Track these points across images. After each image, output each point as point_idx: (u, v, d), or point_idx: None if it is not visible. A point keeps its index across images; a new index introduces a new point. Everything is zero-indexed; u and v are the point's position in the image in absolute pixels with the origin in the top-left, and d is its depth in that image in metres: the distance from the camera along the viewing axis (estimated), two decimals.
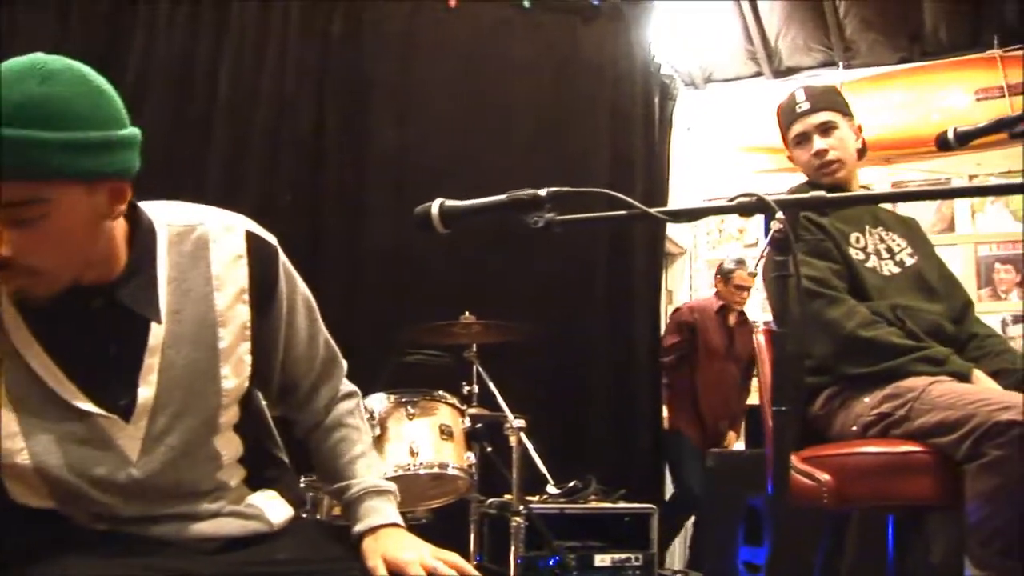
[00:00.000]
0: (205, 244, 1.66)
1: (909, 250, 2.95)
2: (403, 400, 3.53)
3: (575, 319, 5.67)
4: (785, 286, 1.67)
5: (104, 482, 1.58)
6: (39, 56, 1.41)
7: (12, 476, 1.55)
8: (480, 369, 3.99)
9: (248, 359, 1.70)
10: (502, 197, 1.77)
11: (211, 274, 1.65)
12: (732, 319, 5.93)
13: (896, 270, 2.88)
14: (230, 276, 1.67)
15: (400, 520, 1.78)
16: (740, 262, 5.89)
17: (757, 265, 3.67)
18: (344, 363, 1.95)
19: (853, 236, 2.88)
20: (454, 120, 5.59)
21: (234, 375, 1.68)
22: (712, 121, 7.21)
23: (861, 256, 2.84)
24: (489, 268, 5.33)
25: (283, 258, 1.77)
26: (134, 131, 1.50)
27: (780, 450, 1.75)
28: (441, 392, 3.65)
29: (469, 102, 5.65)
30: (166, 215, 1.65)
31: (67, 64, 1.43)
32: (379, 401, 3.54)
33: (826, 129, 2.97)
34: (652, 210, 1.76)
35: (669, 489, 6.00)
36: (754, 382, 5.81)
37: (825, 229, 2.83)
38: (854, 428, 2.66)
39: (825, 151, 2.94)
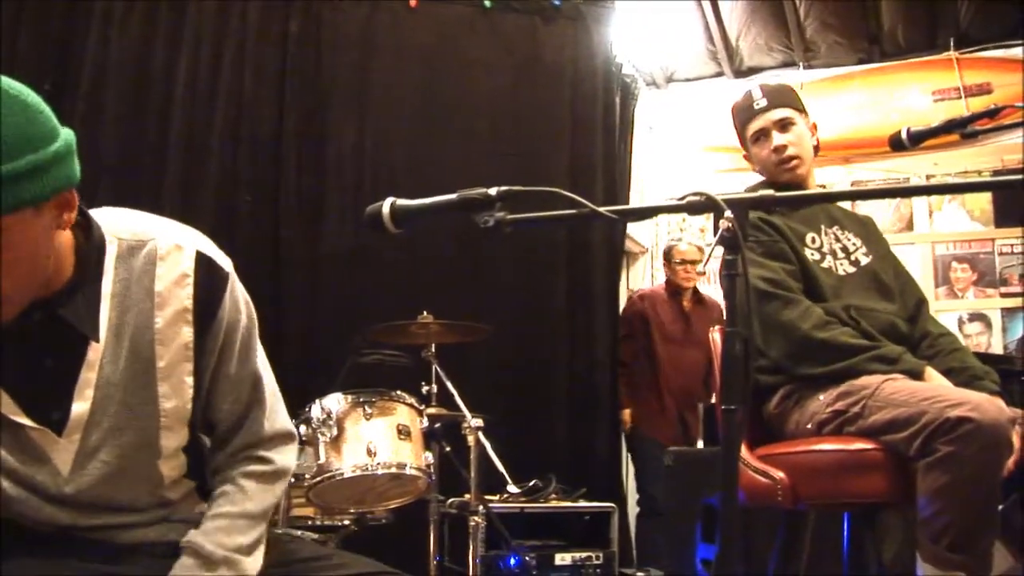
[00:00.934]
0: (153, 261, 1.62)
1: (864, 249, 2.96)
2: (360, 400, 3.51)
3: (535, 318, 5.68)
4: (734, 285, 1.67)
5: (44, 492, 1.59)
6: None
7: None
8: (438, 369, 3.98)
9: (190, 380, 1.66)
10: (452, 197, 1.77)
11: (154, 291, 1.62)
12: (687, 302, 5.87)
13: (851, 269, 2.90)
14: (173, 295, 1.63)
15: None
16: (679, 239, 5.86)
17: (706, 264, 3.69)
18: (278, 426, 1.83)
19: (808, 236, 2.89)
20: (413, 121, 5.60)
21: (174, 395, 1.65)
22: (674, 121, 7.23)
23: (816, 256, 2.86)
24: (448, 268, 5.34)
25: (233, 285, 1.72)
26: (68, 138, 1.46)
27: (728, 449, 1.75)
28: (399, 392, 3.63)
29: (429, 103, 5.65)
30: (119, 227, 1.63)
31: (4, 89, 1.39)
32: (336, 401, 3.51)
33: (784, 125, 2.98)
34: (602, 209, 1.77)
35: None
36: None
37: (780, 230, 2.84)
38: (809, 426, 2.67)
39: (784, 146, 2.95)
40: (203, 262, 1.67)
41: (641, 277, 7.17)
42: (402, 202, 1.80)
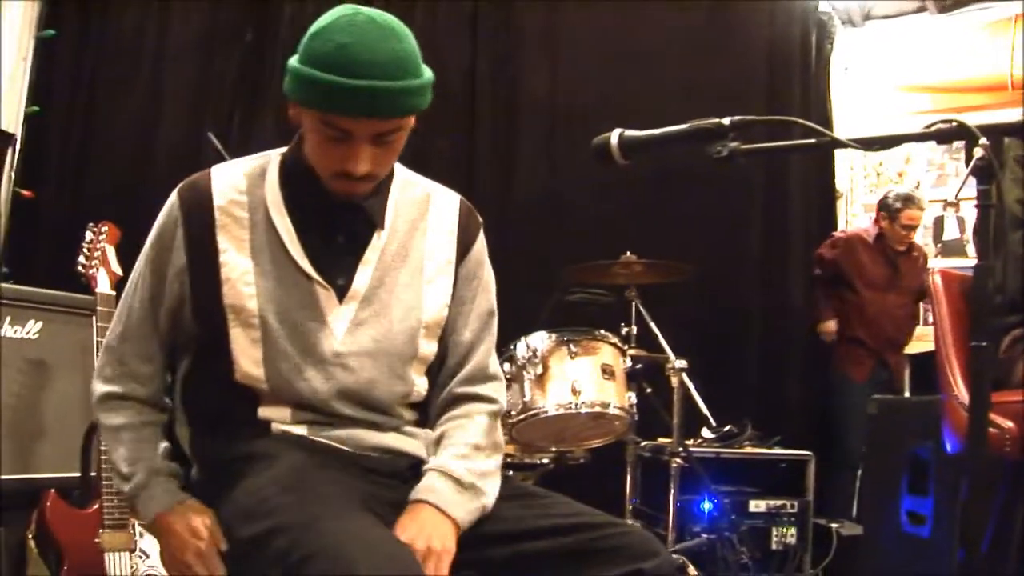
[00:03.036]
0: (427, 196, 1.96)
1: None
2: (565, 339, 3.50)
3: (728, 261, 5.62)
4: (988, 216, 1.59)
5: (311, 348, 1.78)
6: (361, 9, 1.69)
7: (238, 323, 1.76)
8: (641, 309, 3.94)
9: (449, 291, 1.93)
10: (684, 127, 1.75)
11: (428, 213, 1.94)
12: (892, 250, 5.63)
13: None
14: (442, 220, 1.95)
15: (450, 509, 1.75)
16: (908, 199, 5.54)
17: (957, 195, 3.50)
18: (497, 366, 2.04)
19: None
20: (605, 62, 5.56)
21: (434, 299, 1.90)
22: (871, 60, 6.93)
23: None
24: (642, 210, 5.34)
25: (483, 235, 2.03)
26: None
27: (978, 388, 1.67)
28: (603, 331, 3.61)
29: (620, 43, 5.58)
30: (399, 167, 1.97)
31: (393, 19, 1.71)
32: (541, 340, 3.52)
33: None
34: (844, 138, 1.71)
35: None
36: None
37: None
38: None
39: None
40: (464, 206, 2.01)
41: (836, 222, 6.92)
42: (631, 133, 1.79)
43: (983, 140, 1.55)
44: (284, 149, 1.90)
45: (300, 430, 1.78)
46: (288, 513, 1.56)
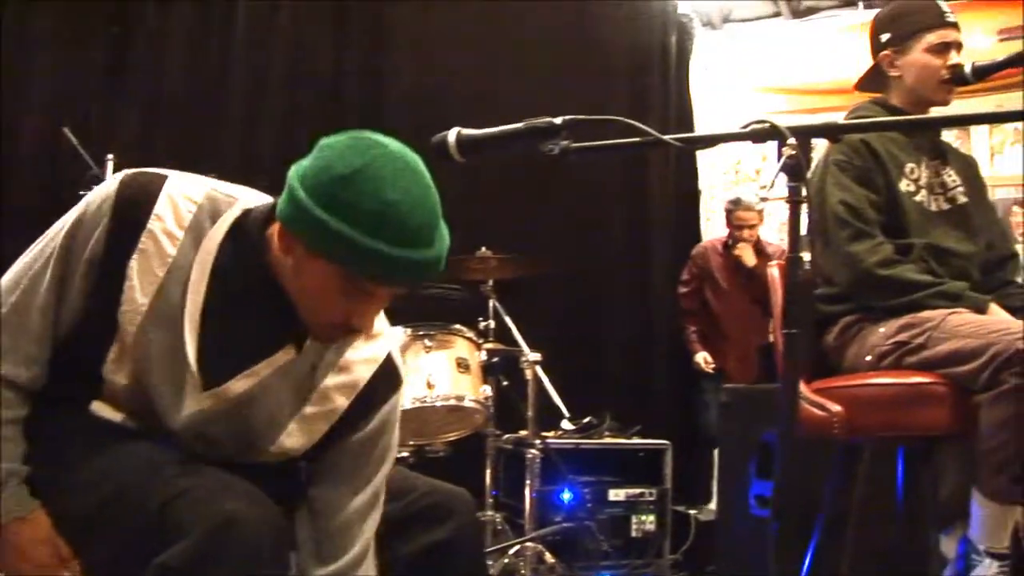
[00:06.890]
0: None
1: (963, 188, 2.89)
2: (420, 333, 3.55)
3: (591, 254, 5.73)
4: (798, 212, 1.69)
5: (159, 416, 1.66)
6: (384, 141, 1.62)
7: (112, 390, 1.65)
8: (496, 304, 4.00)
9: (321, 430, 1.73)
10: (518, 125, 1.80)
11: (343, 357, 1.73)
12: (742, 253, 5.74)
13: (945, 206, 2.84)
14: (355, 369, 1.74)
15: None
16: (735, 202, 5.74)
17: (769, 188, 3.59)
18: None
19: (908, 166, 2.80)
20: (472, 61, 5.60)
21: (298, 435, 1.71)
22: (729, 62, 7.13)
23: (911, 188, 2.78)
24: (504, 204, 5.40)
25: (398, 401, 1.81)
26: None
27: (790, 372, 1.76)
28: (458, 325, 3.66)
29: (487, 42, 5.64)
30: None
31: (407, 150, 1.62)
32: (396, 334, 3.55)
33: (960, 50, 2.85)
34: (666, 137, 1.78)
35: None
36: None
37: (878, 157, 2.76)
38: (868, 358, 2.66)
39: (960, 67, 2.79)
40: (389, 363, 1.79)
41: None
42: (468, 131, 1.84)
43: (791, 140, 1.64)
44: (256, 201, 1.70)
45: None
46: (129, 473, 1.57)
